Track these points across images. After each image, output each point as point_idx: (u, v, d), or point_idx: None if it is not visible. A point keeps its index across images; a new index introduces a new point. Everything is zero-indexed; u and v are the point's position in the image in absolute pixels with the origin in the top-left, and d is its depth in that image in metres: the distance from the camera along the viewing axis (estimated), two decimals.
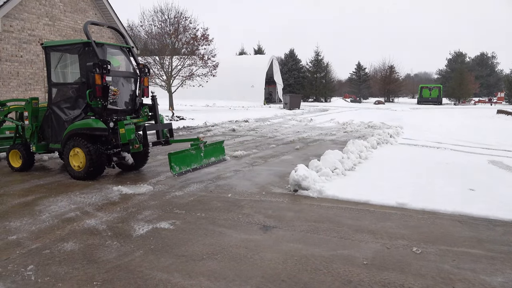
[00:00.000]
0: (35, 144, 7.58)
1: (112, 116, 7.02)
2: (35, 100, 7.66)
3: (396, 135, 13.56)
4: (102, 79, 6.68)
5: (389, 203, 5.54)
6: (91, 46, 6.84)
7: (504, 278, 3.42)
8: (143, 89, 7.65)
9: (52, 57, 7.45)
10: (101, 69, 6.65)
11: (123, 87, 7.35)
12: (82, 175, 6.90)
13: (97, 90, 6.73)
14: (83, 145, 6.79)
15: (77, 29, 13.83)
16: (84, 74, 6.96)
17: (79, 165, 6.91)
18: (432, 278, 3.42)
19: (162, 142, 7.48)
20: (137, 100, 7.62)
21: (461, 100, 58.51)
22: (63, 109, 7.24)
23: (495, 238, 4.36)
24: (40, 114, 7.65)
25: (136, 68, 7.67)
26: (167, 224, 4.76)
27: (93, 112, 6.92)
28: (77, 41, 7.11)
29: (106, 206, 5.49)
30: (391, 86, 66.38)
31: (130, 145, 6.85)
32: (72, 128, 6.92)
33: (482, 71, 76.65)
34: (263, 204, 5.65)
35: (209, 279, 3.40)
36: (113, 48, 7.61)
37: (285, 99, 36.91)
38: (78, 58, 7.07)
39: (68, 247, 4.08)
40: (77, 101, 7.10)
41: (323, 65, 63.19)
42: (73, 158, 6.96)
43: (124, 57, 7.73)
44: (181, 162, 6.47)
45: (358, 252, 3.96)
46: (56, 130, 7.35)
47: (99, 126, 6.75)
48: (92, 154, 6.76)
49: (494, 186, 6.54)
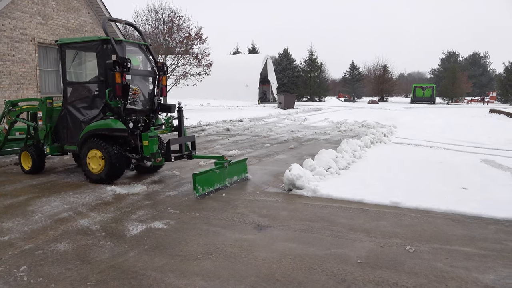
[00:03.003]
0: (49, 145, 7.27)
1: (131, 116, 6.73)
2: (50, 100, 7.34)
3: (390, 134, 13.62)
4: (122, 78, 6.40)
5: (383, 202, 5.57)
6: (110, 43, 6.54)
7: (496, 276, 3.45)
8: (161, 88, 7.35)
9: (67, 55, 7.17)
10: (121, 67, 6.36)
11: (141, 86, 7.10)
12: (100, 178, 6.58)
13: (117, 89, 6.41)
14: (102, 146, 6.49)
15: (70, 28, 13.74)
16: (102, 73, 6.65)
17: (98, 168, 6.59)
18: (426, 277, 3.44)
19: (184, 157, 7.08)
20: (155, 100, 7.30)
21: (454, 99, 58.91)
22: (80, 109, 6.95)
23: (488, 236, 4.40)
24: (54, 114, 7.34)
25: (155, 67, 7.38)
26: (161, 224, 4.74)
27: (112, 112, 6.61)
28: (95, 38, 6.81)
29: (99, 206, 5.46)
30: (385, 86, 66.69)
31: (152, 158, 6.51)
32: (90, 129, 6.62)
33: (475, 71, 77.21)
34: (257, 203, 5.65)
35: (203, 278, 3.40)
36: (131, 45, 7.29)
37: (279, 98, 36.94)
38: (96, 56, 6.75)
39: (61, 247, 4.06)
40: (95, 101, 6.80)
41: (317, 64, 63.34)
42: (91, 161, 6.64)
43: (143, 55, 7.43)
44: (205, 183, 6.04)
45: (352, 251, 3.97)
46: (72, 131, 7.05)
47: (118, 127, 6.46)
48: (112, 156, 6.46)
49: (487, 184, 6.59)
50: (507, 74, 55.52)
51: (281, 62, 63.91)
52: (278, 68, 61.08)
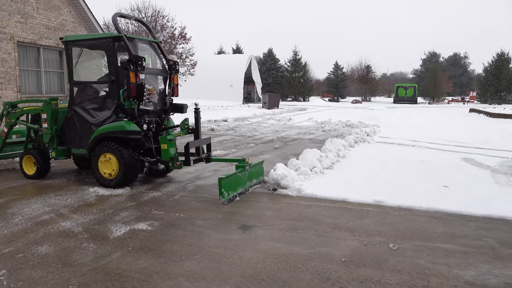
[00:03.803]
0: (54, 149, 6.86)
1: (144, 117, 6.43)
2: (55, 101, 6.94)
3: (373, 133, 13.78)
4: (137, 77, 6.09)
5: (367, 201, 5.63)
6: (123, 41, 6.20)
7: (476, 272, 3.53)
8: (172, 88, 7.07)
9: (74, 53, 6.83)
10: (136, 66, 6.03)
11: (153, 85, 6.82)
12: (114, 183, 6.22)
13: (132, 89, 6.07)
14: (115, 150, 6.13)
15: (50, 27, 13.49)
16: (113, 72, 6.31)
17: (111, 173, 6.21)
18: (408, 274, 3.49)
19: (203, 160, 6.83)
20: (167, 100, 7.03)
21: (435, 99, 60.00)
22: (89, 110, 6.56)
23: (468, 233, 4.49)
24: (59, 116, 6.94)
25: (166, 65, 7.10)
26: (145, 225, 4.70)
27: (125, 114, 6.27)
28: (106, 35, 6.52)
29: (82, 208, 5.38)
30: (368, 86, 67.46)
31: (171, 162, 6.24)
32: (102, 131, 6.24)
33: (455, 71, 78.79)
34: (242, 203, 5.64)
35: (188, 279, 3.38)
36: (142, 42, 6.89)
37: (264, 98, 37.00)
38: (107, 54, 6.40)
39: (43, 250, 3.98)
40: (105, 102, 6.46)
41: (301, 64, 63.64)
42: (103, 165, 6.27)
43: (154, 53, 7.09)
44: (230, 187, 5.78)
45: (336, 250, 4.01)
46: (80, 134, 6.63)
47: (133, 129, 6.12)
48: (126, 160, 6.11)
49: (467, 182, 6.73)
50: (486, 75, 56.80)
51: (265, 62, 64.01)
52: (262, 68, 61.16)
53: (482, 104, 49.00)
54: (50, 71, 13.12)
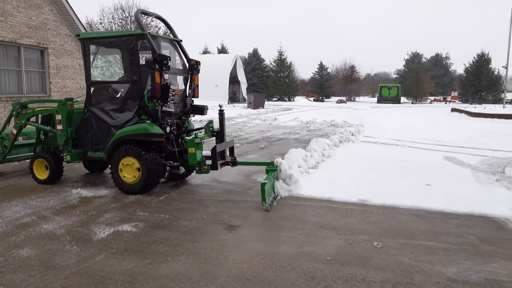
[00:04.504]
0: (69, 152, 6.52)
1: (166, 119, 6.15)
2: (70, 101, 6.58)
3: (358, 133, 13.91)
4: (161, 77, 5.84)
5: (351, 200, 5.69)
6: (146, 39, 5.96)
7: (458, 268, 3.60)
8: (193, 88, 6.84)
9: (91, 51, 6.50)
10: (161, 65, 5.78)
11: (175, 85, 6.55)
12: (136, 189, 5.94)
13: (157, 89, 5.81)
14: (138, 154, 5.85)
15: (31, 26, 13.23)
16: (136, 71, 6.02)
17: (133, 177, 5.92)
18: (392, 271, 3.54)
19: (229, 163, 6.54)
20: (188, 101, 6.78)
21: (418, 99, 60.89)
22: (108, 111, 6.24)
23: (450, 230, 4.57)
24: (74, 117, 6.59)
25: (187, 64, 6.81)
26: (129, 227, 4.65)
27: (148, 115, 6.00)
28: (128, 33, 6.21)
29: (64, 210, 5.29)
30: (353, 86, 68.12)
31: (198, 166, 5.99)
32: (123, 134, 5.95)
33: (437, 71, 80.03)
34: (228, 203, 5.63)
35: (173, 280, 3.36)
36: (164, 41, 6.63)
37: (249, 98, 36.99)
38: (129, 53, 6.13)
39: (24, 253, 3.90)
40: (126, 103, 6.16)
41: (287, 64, 63.83)
42: (125, 169, 5.97)
43: (175, 52, 6.81)
44: (269, 192, 5.55)
45: (321, 249, 4.03)
46: (98, 136, 6.31)
47: (156, 132, 5.86)
48: (150, 165, 5.83)
49: (449, 181, 6.85)
50: (467, 75, 57.90)
51: (250, 62, 64.00)
52: (247, 68, 61.13)
53: (463, 103, 49.93)
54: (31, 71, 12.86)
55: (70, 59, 13.79)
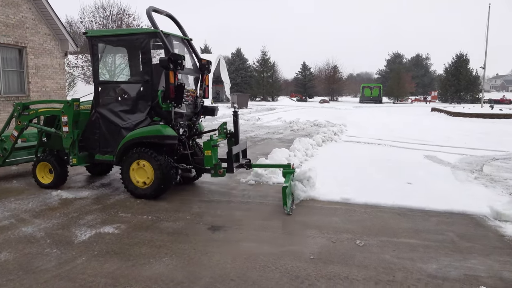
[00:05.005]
0: (75, 155, 6.22)
1: (179, 121, 5.92)
2: (77, 102, 6.28)
3: (340, 133, 14.05)
4: (175, 77, 5.62)
5: (334, 199, 5.74)
6: (159, 37, 5.71)
7: (438, 265, 3.67)
8: (204, 89, 6.59)
9: (100, 49, 6.23)
10: (175, 65, 5.55)
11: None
12: (149, 193, 5.71)
13: (171, 90, 5.59)
14: (151, 157, 5.60)
15: (9, 24, 12.91)
16: (148, 71, 5.78)
17: (145, 181, 5.69)
18: (375, 269, 3.58)
19: (244, 166, 6.29)
20: (198, 102, 6.54)
21: (399, 98, 61.86)
22: (118, 113, 5.98)
23: (430, 228, 4.66)
24: (81, 118, 6.31)
25: (198, 64, 6.60)
26: (111, 228, 4.58)
27: (160, 117, 5.76)
28: (139, 31, 6.00)
29: (44, 212, 5.18)
30: (335, 86, 68.70)
31: (213, 169, 5.80)
32: (135, 136, 5.70)
33: (418, 71, 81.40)
34: (211, 204, 5.61)
35: (156, 282, 3.32)
36: (175, 39, 6.38)
37: (232, 98, 36.97)
38: (141, 52, 5.89)
39: (2, 257, 3.81)
40: (138, 103, 5.90)
41: (270, 64, 63.98)
42: (136, 173, 5.74)
43: (186, 51, 6.56)
44: (289, 195, 5.39)
45: (305, 248, 4.06)
46: (107, 138, 6.05)
47: (169, 134, 5.64)
48: (163, 168, 5.58)
49: (429, 179, 6.98)
50: (446, 75, 59.09)
51: (234, 62, 63.93)
52: (231, 68, 61.01)
53: (443, 103, 50.92)
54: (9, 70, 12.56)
55: (49, 58, 13.50)
